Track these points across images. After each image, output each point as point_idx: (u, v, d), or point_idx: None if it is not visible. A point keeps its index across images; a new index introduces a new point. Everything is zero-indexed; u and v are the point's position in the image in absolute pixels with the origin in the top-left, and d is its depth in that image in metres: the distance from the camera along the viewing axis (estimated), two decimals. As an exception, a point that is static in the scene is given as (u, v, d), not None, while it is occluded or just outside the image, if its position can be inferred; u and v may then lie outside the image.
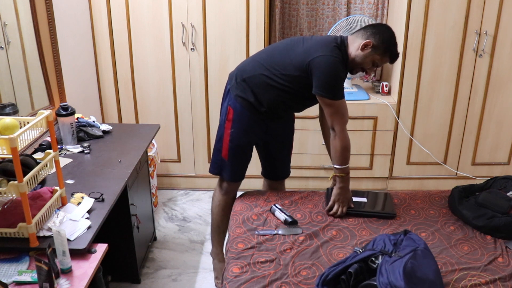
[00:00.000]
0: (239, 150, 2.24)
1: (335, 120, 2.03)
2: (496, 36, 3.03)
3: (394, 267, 1.46)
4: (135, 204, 2.35)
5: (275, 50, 2.15)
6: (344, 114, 2.05)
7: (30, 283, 1.47)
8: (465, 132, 3.29)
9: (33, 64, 2.43)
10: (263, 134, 2.27)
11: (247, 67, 2.17)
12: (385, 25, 2.10)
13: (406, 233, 1.71)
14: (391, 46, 2.03)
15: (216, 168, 2.30)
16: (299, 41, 2.09)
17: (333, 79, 1.99)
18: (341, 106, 2.02)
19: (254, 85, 2.12)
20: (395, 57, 2.06)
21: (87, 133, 2.50)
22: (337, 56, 1.98)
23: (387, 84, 3.35)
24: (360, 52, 2.01)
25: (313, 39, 2.08)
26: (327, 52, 1.97)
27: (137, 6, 3.04)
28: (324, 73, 1.97)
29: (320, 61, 1.96)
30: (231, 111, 2.17)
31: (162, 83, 3.23)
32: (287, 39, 2.18)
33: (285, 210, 2.09)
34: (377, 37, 2.00)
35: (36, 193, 1.73)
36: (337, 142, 2.06)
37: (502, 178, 2.24)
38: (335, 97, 2.00)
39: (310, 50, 2.01)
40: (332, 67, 1.97)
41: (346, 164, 2.08)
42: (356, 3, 3.45)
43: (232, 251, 1.84)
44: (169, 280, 2.54)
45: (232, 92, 2.17)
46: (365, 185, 3.44)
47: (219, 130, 2.25)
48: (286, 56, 2.07)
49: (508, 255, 1.82)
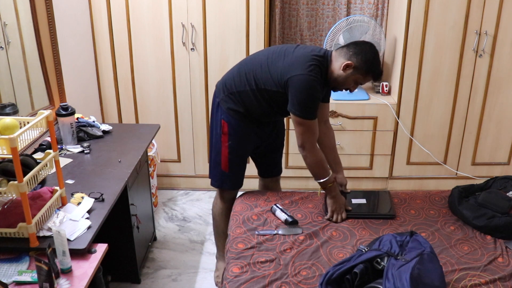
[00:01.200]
0: (238, 160, 2.27)
1: (305, 138, 2.04)
2: (496, 36, 3.03)
3: (400, 272, 1.45)
4: (135, 204, 2.35)
5: (258, 62, 2.12)
6: (315, 132, 2.06)
7: (30, 283, 1.47)
8: (465, 132, 3.29)
9: (33, 64, 2.43)
10: (259, 140, 2.30)
11: (234, 81, 2.16)
12: (368, 43, 2.05)
13: (412, 234, 1.70)
14: (373, 67, 1.99)
15: (217, 181, 2.32)
16: (280, 54, 2.06)
17: (308, 99, 1.98)
18: (312, 125, 2.03)
19: (242, 98, 2.14)
20: (379, 76, 2.04)
21: (87, 133, 2.50)
22: (315, 75, 1.96)
23: (387, 84, 3.35)
24: (342, 72, 1.99)
25: (295, 53, 2.03)
26: (305, 71, 1.95)
27: (137, 6, 3.04)
28: (299, 93, 1.97)
29: (297, 80, 1.96)
30: (226, 124, 2.18)
31: (162, 83, 3.23)
32: (270, 49, 2.16)
33: (286, 210, 2.09)
34: (358, 57, 1.97)
35: (36, 193, 1.73)
36: (310, 159, 2.07)
37: (502, 178, 2.24)
38: (307, 116, 2.00)
39: (289, 67, 1.99)
40: (308, 87, 1.96)
41: (326, 176, 2.08)
42: (356, 3, 3.45)
43: (232, 251, 1.84)
44: (169, 280, 2.54)
45: (223, 105, 2.18)
46: (365, 185, 3.44)
47: (215, 144, 2.25)
48: (267, 70, 2.07)
49: (508, 255, 1.82)
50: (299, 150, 2.08)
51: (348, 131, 3.26)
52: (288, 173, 3.34)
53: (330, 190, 2.09)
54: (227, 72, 2.25)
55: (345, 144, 3.29)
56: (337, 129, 3.23)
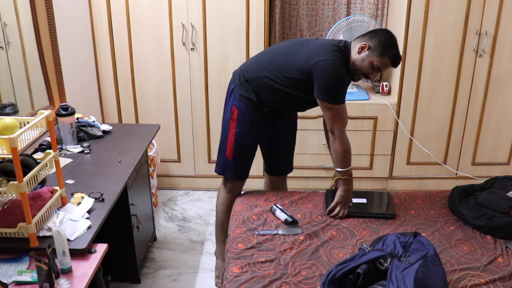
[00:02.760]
0: (243, 149, 2.25)
1: (334, 123, 2.03)
2: (496, 36, 3.03)
3: (404, 275, 1.45)
4: (135, 204, 2.35)
5: (278, 52, 2.14)
6: (344, 117, 2.05)
7: (30, 283, 1.47)
8: (465, 132, 3.29)
9: (33, 64, 2.43)
10: (267, 133, 2.29)
11: (251, 68, 2.17)
12: (385, 29, 2.08)
13: (416, 235, 1.70)
14: (388, 47, 1.98)
15: (220, 168, 2.32)
16: (302, 43, 2.09)
17: (335, 83, 1.99)
18: (340, 110, 2.02)
19: (256, 86, 2.13)
20: (396, 58, 2.01)
21: (87, 133, 2.50)
22: (339, 60, 1.98)
23: (387, 84, 3.35)
24: (358, 55, 2.00)
25: (316, 42, 2.07)
26: (330, 56, 1.96)
27: (137, 6, 3.04)
28: (326, 77, 1.97)
29: (322, 65, 1.96)
30: (236, 111, 2.18)
31: (162, 83, 3.23)
32: (290, 41, 2.18)
33: (286, 210, 2.09)
34: (373, 39, 1.99)
35: (36, 193, 1.73)
36: (337, 145, 2.06)
37: (502, 178, 2.23)
38: (336, 101, 2.00)
39: (312, 53, 2.00)
40: (334, 71, 1.96)
41: (348, 167, 2.09)
42: (356, 3, 3.45)
43: (232, 251, 1.84)
44: (169, 280, 2.54)
45: (236, 92, 2.18)
46: (365, 185, 3.44)
47: (224, 130, 2.26)
48: (288, 58, 2.07)
49: (508, 255, 1.82)
50: (329, 134, 2.08)
51: (348, 131, 3.19)
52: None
53: (346, 183, 2.09)
54: (244, 62, 2.27)
55: (345, 144, 3.28)
56: (337, 129, 3.23)
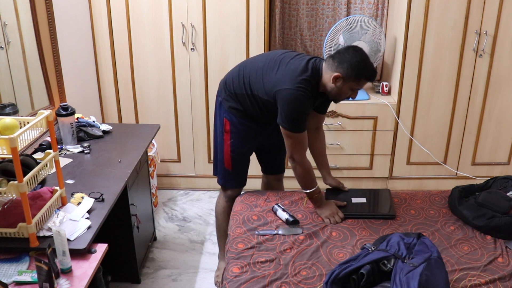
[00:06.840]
0: (241, 158, 2.29)
1: (294, 150, 2.05)
2: (496, 36, 3.03)
3: (408, 278, 1.46)
4: (135, 204, 2.35)
5: (254, 68, 2.12)
6: (304, 145, 2.07)
7: (30, 283, 1.47)
8: (465, 132, 3.29)
9: (33, 64, 2.43)
10: (261, 137, 2.31)
11: (233, 82, 2.18)
12: (351, 48, 1.97)
13: (420, 236, 1.70)
14: (362, 70, 1.93)
15: (221, 179, 2.35)
16: (276, 62, 2.06)
17: (295, 113, 1.98)
18: (301, 138, 2.04)
19: (240, 99, 2.17)
20: (372, 76, 1.98)
21: (87, 133, 2.50)
22: (304, 90, 1.95)
23: (387, 84, 3.35)
24: (333, 85, 1.98)
25: (288, 65, 2.02)
26: (294, 86, 1.94)
27: (137, 6, 3.04)
28: (288, 107, 1.97)
29: (285, 94, 1.96)
30: (228, 122, 2.21)
31: (162, 83, 3.23)
32: (270, 55, 2.13)
33: (287, 209, 2.09)
34: (344, 65, 1.92)
35: (36, 193, 1.73)
36: (299, 170, 2.08)
37: (502, 178, 2.23)
38: (295, 130, 2.01)
39: (280, 79, 1.99)
40: (296, 101, 1.96)
41: (315, 186, 2.10)
42: (356, 3, 3.45)
43: (232, 251, 1.84)
44: (169, 280, 2.54)
45: (224, 104, 2.21)
46: (365, 185, 3.43)
47: (218, 142, 2.28)
48: (260, 78, 2.08)
49: (508, 255, 1.82)
50: (289, 160, 2.10)
51: (348, 131, 3.26)
52: (288, 173, 3.30)
53: (316, 200, 2.11)
54: (229, 71, 2.26)
55: (345, 144, 3.29)
56: (337, 129, 3.23)
